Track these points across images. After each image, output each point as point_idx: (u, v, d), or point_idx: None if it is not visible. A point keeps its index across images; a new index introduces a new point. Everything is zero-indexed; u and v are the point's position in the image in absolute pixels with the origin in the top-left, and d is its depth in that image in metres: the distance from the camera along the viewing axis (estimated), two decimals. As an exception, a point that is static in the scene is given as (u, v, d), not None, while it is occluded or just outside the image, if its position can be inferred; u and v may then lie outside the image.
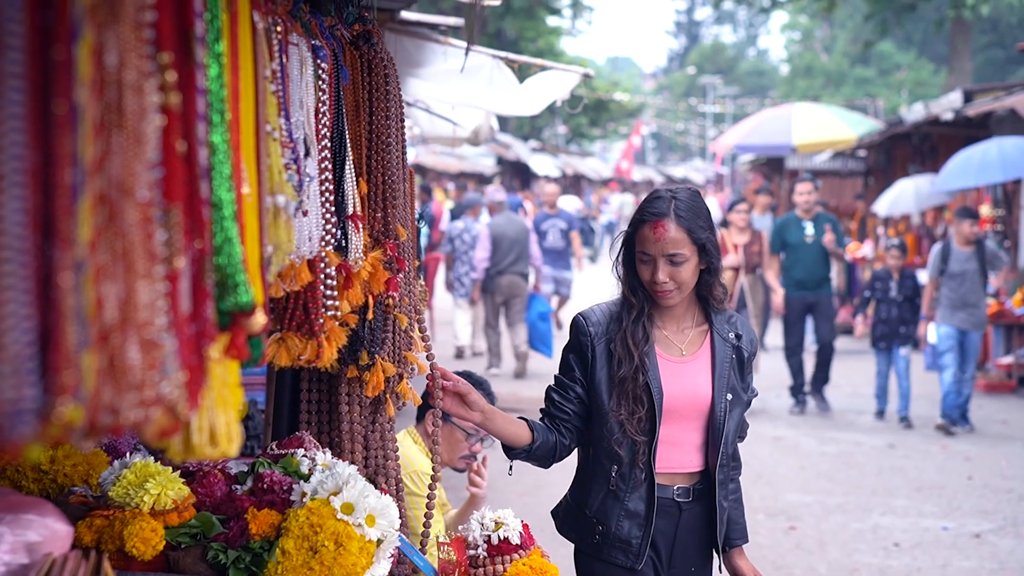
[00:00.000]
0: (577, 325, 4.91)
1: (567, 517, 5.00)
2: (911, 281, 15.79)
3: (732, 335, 4.89)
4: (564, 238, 21.78)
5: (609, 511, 4.80)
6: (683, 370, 4.82)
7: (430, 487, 4.93)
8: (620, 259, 4.85)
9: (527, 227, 19.30)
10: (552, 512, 5.12)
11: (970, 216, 15.64)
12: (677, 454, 4.80)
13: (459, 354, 20.60)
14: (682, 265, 4.65)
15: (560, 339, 22.15)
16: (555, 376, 5.00)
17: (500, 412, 4.87)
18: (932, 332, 15.87)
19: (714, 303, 4.86)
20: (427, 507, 4.92)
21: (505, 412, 4.91)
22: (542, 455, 4.88)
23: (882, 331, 15.94)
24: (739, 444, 5.04)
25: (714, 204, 50.04)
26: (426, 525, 4.90)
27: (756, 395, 5.14)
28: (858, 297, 24.01)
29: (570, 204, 48.06)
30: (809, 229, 16.46)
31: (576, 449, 5.02)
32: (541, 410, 5.02)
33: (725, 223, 16.88)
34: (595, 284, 29.97)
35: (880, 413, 16.20)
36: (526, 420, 4.91)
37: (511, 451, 4.87)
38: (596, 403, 4.81)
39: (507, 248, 18.77)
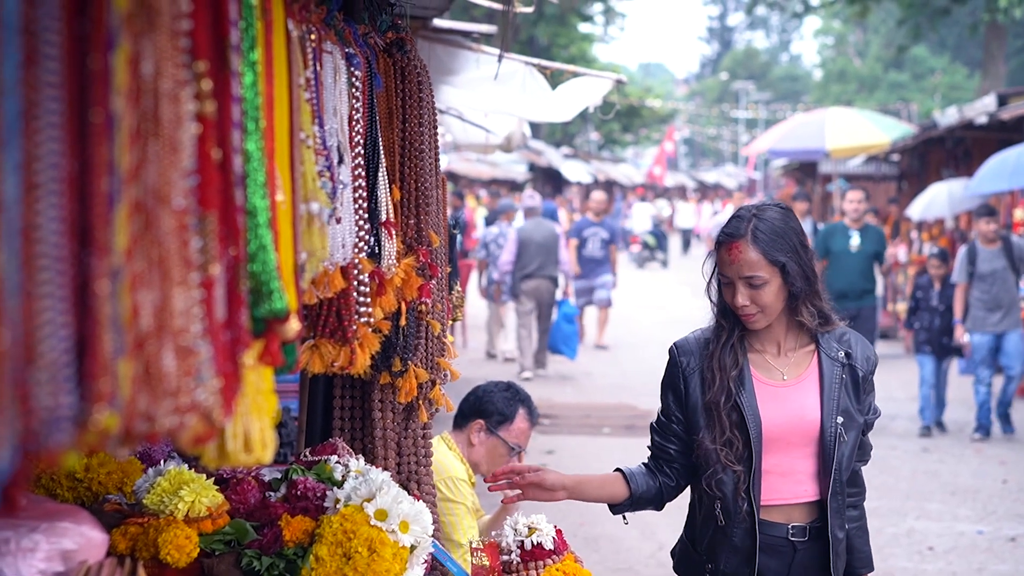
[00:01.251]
0: (670, 356, 4.74)
1: (682, 556, 4.84)
2: (953, 290, 15.54)
3: (842, 353, 4.60)
4: (604, 248, 21.49)
5: (717, 548, 4.60)
6: (786, 395, 4.57)
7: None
8: (713, 281, 4.66)
9: (556, 233, 19.40)
10: (671, 552, 4.95)
11: (987, 214, 15.51)
12: (789, 484, 4.57)
13: (490, 356, 20.72)
14: (762, 288, 4.44)
15: (594, 351, 22.19)
16: (657, 414, 4.83)
17: (587, 479, 4.79)
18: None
19: (810, 326, 4.57)
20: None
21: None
22: (647, 502, 4.77)
23: (924, 336, 15.60)
24: (862, 467, 4.81)
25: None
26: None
27: (879, 415, 4.85)
28: (892, 302, 23.95)
29: (645, 211, 48.53)
30: (856, 239, 16.10)
31: (684, 490, 4.85)
32: (648, 447, 4.85)
33: None
34: (663, 289, 30.04)
35: (927, 429, 15.56)
36: (622, 472, 4.76)
37: (614, 507, 4.78)
38: (694, 435, 4.61)
39: (533, 252, 18.91)
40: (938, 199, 22.55)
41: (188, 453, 3.45)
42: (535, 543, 4.48)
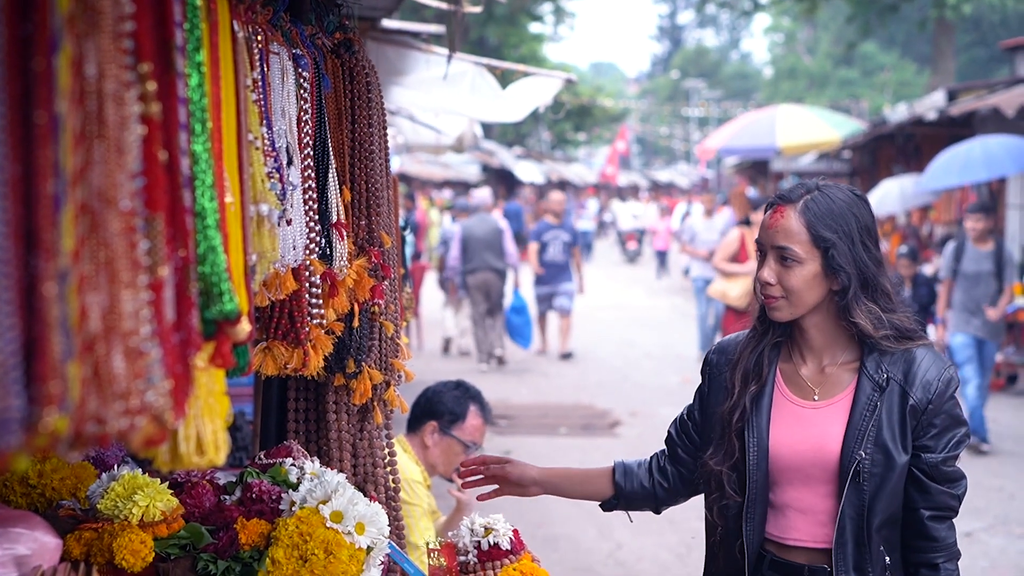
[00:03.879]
0: (707, 353, 4.29)
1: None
2: (926, 288, 14.86)
3: (885, 375, 3.83)
4: (566, 252, 21.19)
5: (715, 570, 4.19)
6: (811, 418, 3.93)
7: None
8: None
9: (499, 227, 19.94)
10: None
11: (979, 209, 14.92)
12: (809, 524, 3.93)
13: (447, 346, 20.90)
14: (793, 267, 3.81)
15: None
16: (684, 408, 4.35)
17: (564, 474, 4.44)
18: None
19: (866, 334, 3.83)
20: None
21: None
22: (639, 502, 4.38)
23: None
24: (944, 518, 3.92)
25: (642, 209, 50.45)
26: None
27: (954, 454, 3.89)
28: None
29: (628, 211, 49.90)
30: None
31: (690, 496, 4.39)
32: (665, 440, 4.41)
33: (747, 221, 16.43)
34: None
35: None
36: (614, 466, 4.40)
37: (603, 505, 4.43)
38: (705, 449, 4.14)
39: (475, 247, 19.60)
40: (890, 195, 22.67)
41: (140, 456, 3.45)
42: (492, 543, 4.47)
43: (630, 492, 4.34)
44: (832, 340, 3.95)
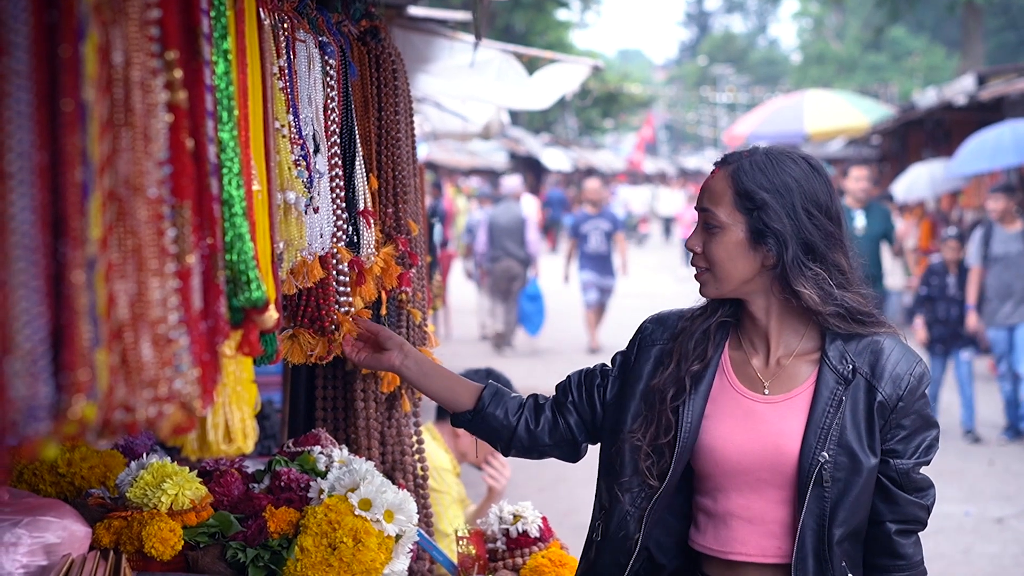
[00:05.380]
0: (642, 322, 3.84)
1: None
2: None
3: (851, 366, 3.40)
4: (608, 241, 20.54)
5: (586, 567, 3.76)
6: (763, 413, 3.46)
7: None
8: None
9: (522, 216, 20.11)
10: None
11: (1001, 189, 14.48)
12: (757, 536, 3.46)
13: (497, 341, 21.05)
14: (716, 234, 3.40)
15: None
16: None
17: (436, 364, 4.00)
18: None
19: (811, 308, 3.38)
20: None
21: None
22: (492, 433, 3.85)
23: (939, 332, 14.38)
24: (912, 532, 3.56)
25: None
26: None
27: (926, 460, 3.54)
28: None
29: (640, 196, 50.03)
30: (860, 220, 14.31)
31: (550, 451, 3.92)
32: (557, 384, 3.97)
33: None
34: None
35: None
36: (487, 383, 3.91)
37: (455, 417, 3.90)
38: (617, 417, 3.70)
39: (498, 236, 19.86)
40: (919, 180, 22.59)
41: (169, 444, 3.45)
42: (520, 531, 4.47)
43: (489, 414, 3.80)
44: (784, 327, 3.51)
